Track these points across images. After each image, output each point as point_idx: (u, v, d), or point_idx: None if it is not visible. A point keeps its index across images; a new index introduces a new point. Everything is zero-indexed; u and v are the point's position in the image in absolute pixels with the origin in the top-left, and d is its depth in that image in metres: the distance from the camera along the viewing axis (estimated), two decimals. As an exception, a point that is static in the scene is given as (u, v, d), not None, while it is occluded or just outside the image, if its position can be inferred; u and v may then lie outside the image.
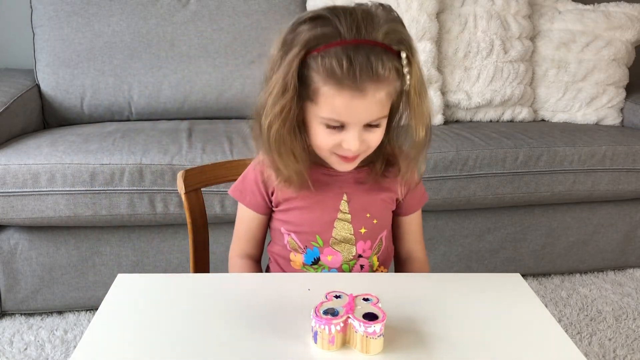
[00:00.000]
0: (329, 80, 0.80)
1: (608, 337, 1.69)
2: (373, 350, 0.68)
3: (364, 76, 0.78)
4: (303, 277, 0.94)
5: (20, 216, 1.56)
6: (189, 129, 1.83)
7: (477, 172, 1.77)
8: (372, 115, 0.83)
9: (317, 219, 0.96)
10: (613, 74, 2.17)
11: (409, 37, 0.83)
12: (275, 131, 0.84)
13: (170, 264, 1.73)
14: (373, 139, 0.87)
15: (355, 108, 0.81)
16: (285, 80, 0.81)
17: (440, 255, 1.89)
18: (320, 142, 0.86)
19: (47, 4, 1.95)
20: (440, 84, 2.06)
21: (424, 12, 1.99)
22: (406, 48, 0.82)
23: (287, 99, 0.82)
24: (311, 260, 0.98)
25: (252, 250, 1.04)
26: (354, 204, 0.96)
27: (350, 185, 0.96)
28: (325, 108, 0.82)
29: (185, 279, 0.91)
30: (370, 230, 0.97)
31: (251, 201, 0.99)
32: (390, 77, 0.81)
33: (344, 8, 0.81)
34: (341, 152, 0.87)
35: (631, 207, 2.01)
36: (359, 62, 0.78)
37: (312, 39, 0.80)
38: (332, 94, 0.80)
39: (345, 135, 0.84)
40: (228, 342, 0.71)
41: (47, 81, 1.95)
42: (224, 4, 2.05)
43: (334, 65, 0.78)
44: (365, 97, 0.80)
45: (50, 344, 1.57)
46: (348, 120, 0.83)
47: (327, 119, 0.83)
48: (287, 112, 0.83)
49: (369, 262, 0.99)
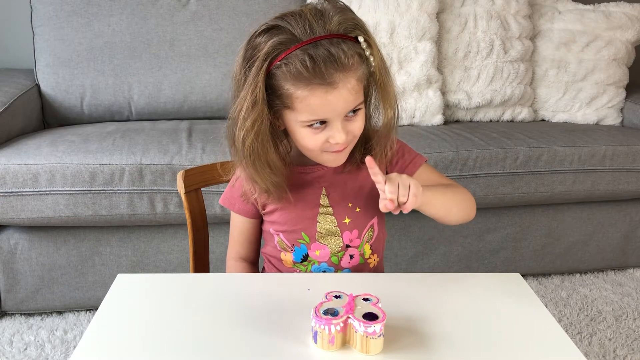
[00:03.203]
0: (298, 83, 0.82)
1: (608, 337, 1.69)
2: (373, 350, 0.68)
3: (330, 70, 0.81)
4: (303, 277, 0.94)
5: (20, 216, 1.56)
6: (189, 129, 1.83)
7: (477, 172, 1.77)
8: (349, 104, 0.85)
9: (299, 216, 0.97)
10: (613, 74, 2.17)
11: (362, 22, 0.86)
12: (249, 145, 0.86)
13: (170, 264, 1.73)
14: (356, 127, 0.88)
15: (331, 103, 0.83)
16: (254, 94, 0.83)
17: (440, 255, 1.89)
18: (308, 144, 0.88)
19: (47, 4, 1.95)
20: (440, 84, 2.06)
21: (424, 12, 1.99)
22: (362, 32, 0.84)
23: (258, 112, 0.84)
24: (300, 258, 0.99)
25: (247, 253, 1.06)
26: (334, 196, 0.97)
27: (328, 178, 0.97)
28: (303, 111, 0.84)
29: (185, 279, 0.91)
30: (355, 219, 0.98)
31: (241, 208, 1.02)
32: (355, 63, 0.83)
33: (292, 12, 0.84)
34: (331, 148, 0.88)
35: (631, 207, 2.01)
36: (322, 57, 0.80)
37: (271, 50, 0.81)
38: (306, 96, 0.82)
39: (329, 131, 0.86)
40: (228, 342, 0.71)
41: (47, 81, 1.95)
42: (224, 4, 2.05)
43: (299, 68, 0.80)
44: (338, 89, 0.82)
45: (50, 344, 1.57)
46: (328, 116, 0.85)
47: (308, 121, 0.85)
48: (259, 125, 0.85)
49: (360, 251, 0.99)
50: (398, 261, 1.86)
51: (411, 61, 2.00)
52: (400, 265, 1.86)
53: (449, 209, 0.97)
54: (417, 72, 1.98)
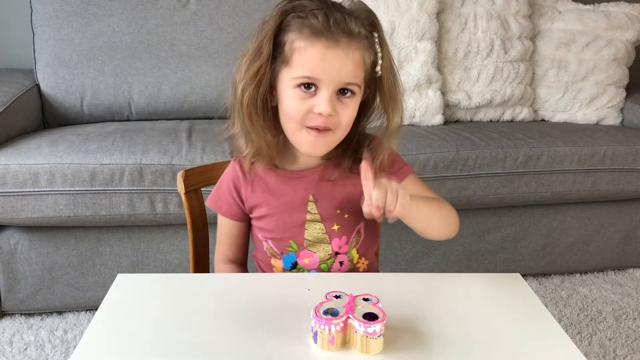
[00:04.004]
0: (304, 30, 0.83)
1: (608, 337, 1.69)
2: (373, 350, 0.68)
3: (339, 29, 0.83)
4: (303, 277, 0.94)
5: (20, 216, 1.56)
6: (189, 129, 1.83)
7: (477, 172, 1.77)
8: (344, 73, 0.84)
9: (287, 224, 0.96)
10: (613, 74, 2.17)
11: (381, 26, 0.89)
12: (248, 96, 0.87)
13: (170, 264, 1.73)
14: (344, 113, 0.87)
15: (328, 59, 0.83)
16: (260, 43, 0.85)
17: (440, 255, 1.89)
18: (292, 108, 0.86)
19: (47, 4, 1.95)
20: (440, 84, 2.06)
21: (424, 12, 1.99)
22: (378, 31, 0.87)
23: (262, 62, 0.85)
24: (289, 265, 0.98)
25: (235, 255, 1.05)
26: (322, 203, 0.95)
27: (315, 185, 0.95)
28: (299, 65, 0.84)
29: (185, 279, 0.91)
30: (343, 226, 0.96)
31: (227, 210, 1.00)
32: (362, 40, 0.85)
33: None
34: (312, 123, 0.86)
35: (631, 207, 2.01)
36: (335, 17, 0.83)
37: (289, 8, 0.85)
38: (306, 46, 0.83)
39: (316, 100, 0.85)
40: (228, 342, 0.71)
41: (47, 81, 1.95)
42: (224, 4, 2.05)
43: (311, 19, 0.83)
44: (338, 48, 0.83)
45: (50, 344, 1.57)
46: (320, 75, 0.84)
47: (301, 77, 0.85)
48: (261, 75, 0.86)
49: (348, 257, 0.97)
50: (398, 261, 1.86)
51: (411, 61, 2.00)
52: (400, 265, 1.86)
53: (432, 223, 0.94)
54: (417, 72, 1.98)
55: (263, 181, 0.97)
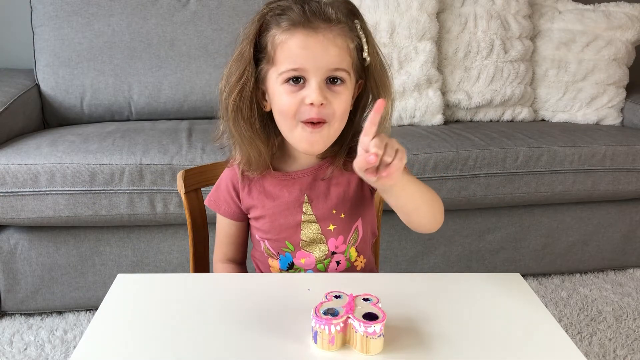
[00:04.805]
0: (283, 24, 0.84)
1: (608, 337, 1.69)
2: (373, 350, 0.68)
3: (316, 17, 0.84)
4: (303, 277, 0.94)
5: (20, 216, 1.56)
6: (189, 129, 1.83)
7: (477, 172, 1.77)
8: (329, 58, 0.84)
9: (282, 225, 0.95)
10: (613, 74, 2.17)
11: (362, 17, 0.89)
12: (233, 100, 0.88)
13: (170, 264, 1.73)
14: (336, 101, 0.85)
15: (310, 48, 0.83)
16: (242, 48, 0.87)
17: (440, 255, 1.89)
18: (284, 104, 0.86)
19: (47, 4, 1.96)
20: (440, 84, 2.06)
21: (424, 12, 1.99)
22: (360, 21, 0.88)
23: (245, 64, 0.86)
24: (286, 266, 0.98)
25: (234, 255, 1.05)
26: (317, 204, 0.95)
27: (309, 185, 0.95)
28: (283, 58, 0.85)
29: (185, 279, 0.91)
30: (339, 225, 0.95)
31: (226, 210, 1.00)
32: (342, 25, 0.85)
33: None
34: (305, 116, 0.85)
35: (631, 207, 2.01)
36: (310, 7, 0.84)
37: (267, 10, 0.87)
38: (286, 39, 0.84)
39: (306, 91, 0.84)
40: (228, 342, 0.71)
41: (47, 81, 1.95)
42: (224, 4, 2.05)
43: (288, 13, 0.84)
44: (319, 34, 0.83)
45: (50, 344, 1.57)
46: (305, 65, 0.84)
47: (287, 71, 0.85)
48: (245, 79, 0.87)
49: (345, 256, 0.97)
50: (398, 261, 1.86)
51: (411, 61, 2.00)
52: (400, 265, 1.86)
53: (418, 204, 0.87)
54: (417, 72, 1.98)
55: (259, 183, 0.96)
